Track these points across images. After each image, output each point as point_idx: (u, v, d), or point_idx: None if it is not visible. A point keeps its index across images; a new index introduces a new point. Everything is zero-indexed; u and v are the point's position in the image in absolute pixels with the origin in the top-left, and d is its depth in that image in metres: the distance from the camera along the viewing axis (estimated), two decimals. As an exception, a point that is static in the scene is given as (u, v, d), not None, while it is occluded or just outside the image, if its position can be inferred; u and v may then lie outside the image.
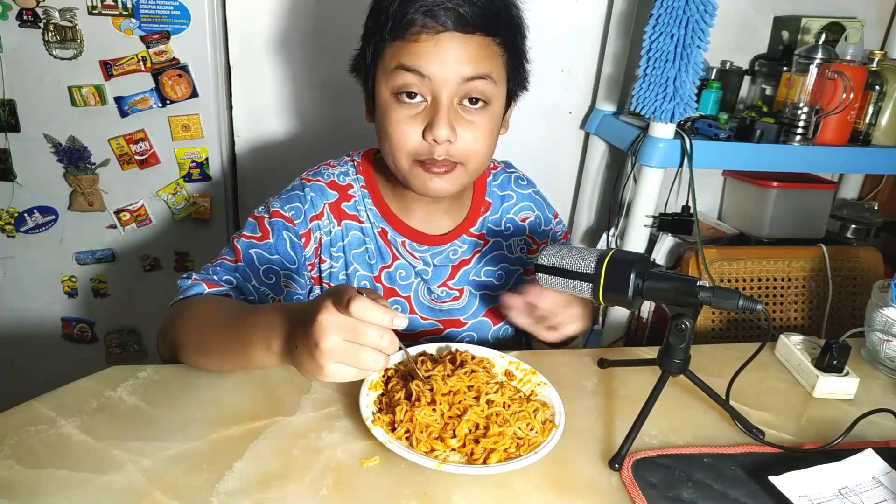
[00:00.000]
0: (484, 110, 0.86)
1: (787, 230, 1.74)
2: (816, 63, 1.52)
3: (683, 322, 0.72)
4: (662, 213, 1.60)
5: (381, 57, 0.86)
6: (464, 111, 0.85)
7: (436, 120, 0.83)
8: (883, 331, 0.97)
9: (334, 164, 1.02)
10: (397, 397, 0.73)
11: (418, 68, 0.82)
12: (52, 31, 1.43)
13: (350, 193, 0.99)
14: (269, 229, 0.92)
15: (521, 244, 1.07)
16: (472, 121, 0.86)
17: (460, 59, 0.82)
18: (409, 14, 0.80)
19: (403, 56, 0.82)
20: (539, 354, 0.91)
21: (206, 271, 0.89)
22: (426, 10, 0.80)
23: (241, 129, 1.67)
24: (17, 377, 1.71)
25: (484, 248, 1.04)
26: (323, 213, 0.96)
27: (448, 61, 0.81)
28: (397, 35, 0.82)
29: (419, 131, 0.85)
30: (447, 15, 0.80)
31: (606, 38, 1.72)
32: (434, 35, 0.81)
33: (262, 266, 0.91)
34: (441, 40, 0.81)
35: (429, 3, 0.80)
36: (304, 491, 0.63)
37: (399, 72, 0.83)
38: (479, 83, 0.84)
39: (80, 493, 0.61)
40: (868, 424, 0.79)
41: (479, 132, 0.87)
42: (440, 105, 0.83)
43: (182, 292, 0.87)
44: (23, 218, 1.59)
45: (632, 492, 0.66)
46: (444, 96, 0.83)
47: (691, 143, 1.45)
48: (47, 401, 0.74)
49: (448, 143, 0.84)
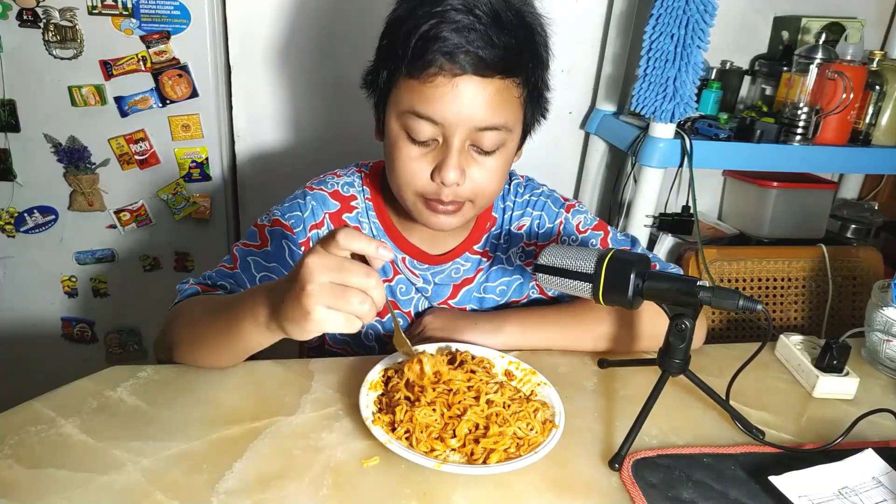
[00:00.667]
0: (496, 152, 0.84)
1: (787, 230, 1.74)
2: (816, 63, 1.52)
3: (683, 322, 0.72)
4: (662, 213, 1.60)
5: (394, 85, 0.83)
6: (475, 152, 0.83)
7: (445, 164, 0.80)
8: (883, 331, 0.97)
9: (340, 173, 1.00)
10: (397, 397, 0.73)
11: (431, 116, 0.79)
12: (52, 31, 1.43)
13: (353, 205, 0.97)
14: (269, 238, 0.91)
15: (520, 253, 1.03)
16: (484, 162, 0.84)
17: (475, 105, 0.78)
18: (428, 55, 0.76)
19: (417, 101, 0.79)
20: (539, 354, 0.91)
21: (203, 277, 0.89)
22: (447, 52, 0.76)
23: (241, 129, 1.67)
24: (17, 377, 1.71)
25: (486, 265, 1.02)
26: (323, 222, 0.95)
27: (463, 108, 0.78)
28: (413, 73, 0.78)
29: (428, 171, 0.82)
30: (467, 58, 0.76)
31: (606, 38, 1.72)
32: (451, 79, 0.77)
33: (259, 273, 0.90)
34: (457, 84, 0.77)
35: (449, 44, 0.76)
36: (304, 491, 0.63)
37: (411, 116, 0.80)
38: (491, 134, 0.81)
39: (80, 493, 0.61)
40: (868, 424, 0.79)
41: (490, 172, 0.84)
42: (451, 149, 0.80)
43: (180, 295, 0.86)
44: (23, 218, 1.59)
45: (632, 492, 0.66)
46: (456, 140, 0.80)
47: (691, 143, 1.45)
48: (47, 401, 0.74)
49: (457, 185, 0.82)
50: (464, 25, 0.75)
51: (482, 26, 0.76)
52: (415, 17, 0.77)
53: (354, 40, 1.61)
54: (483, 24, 0.76)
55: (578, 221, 1.02)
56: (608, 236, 1.02)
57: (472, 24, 0.76)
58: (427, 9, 0.77)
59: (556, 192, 1.05)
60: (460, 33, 0.75)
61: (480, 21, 0.76)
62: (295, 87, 1.66)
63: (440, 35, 0.75)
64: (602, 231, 1.02)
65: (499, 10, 0.78)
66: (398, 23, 0.80)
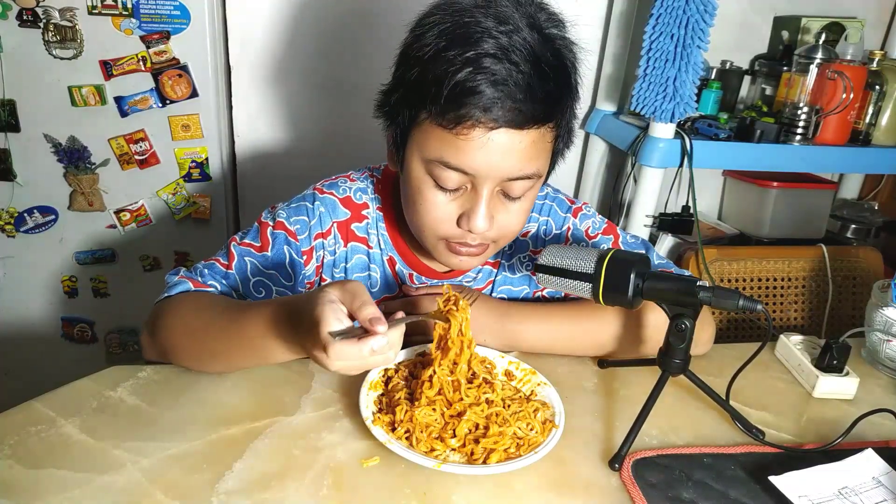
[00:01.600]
0: (524, 196, 0.80)
1: (787, 230, 1.74)
2: (816, 63, 1.52)
3: (683, 322, 0.72)
4: (662, 213, 1.60)
5: (419, 128, 0.77)
6: (504, 196, 0.79)
7: (474, 212, 0.77)
8: (883, 331, 0.97)
9: (354, 177, 0.95)
10: (397, 397, 0.73)
11: (463, 168, 0.74)
12: (52, 31, 1.43)
13: (364, 214, 0.93)
14: (271, 241, 0.88)
15: (526, 260, 1.00)
16: (511, 206, 0.80)
17: (510, 158, 0.74)
18: (463, 108, 0.70)
19: (447, 152, 0.74)
20: (539, 354, 0.91)
21: (195, 270, 0.87)
22: (483, 107, 0.70)
23: (241, 129, 1.67)
24: (17, 377, 1.71)
25: (495, 274, 1.00)
26: (330, 231, 0.91)
27: (496, 160, 0.73)
28: (443, 124, 0.72)
29: (454, 217, 0.79)
30: (505, 113, 0.71)
31: (606, 38, 1.72)
32: (486, 132, 0.72)
33: (254, 278, 0.87)
34: (492, 137, 0.72)
35: (486, 99, 0.70)
36: (304, 491, 0.63)
37: (440, 166, 0.75)
38: (522, 182, 0.77)
39: (80, 493, 0.61)
40: (868, 424, 0.79)
41: (516, 215, 0.81)
42: (480, 197, 0.76)
43: (168, 289, 0.85)
44: (23, 218, 1.59)
45: (632, 492, 0.66)
46: (486, 190, 0.76)
47: (691, 143, 1.45)
48: (47, 401, 0.74)
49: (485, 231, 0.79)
50: (502, 77, 0.70)
51: (521, 76, 0.70)
52: (445, 61, 0.71)
53: (354, 40, 1.61)
54: (522, 72, 0.71)
55: (587, 227, 1.00)
56: (618, 240, 1.00)
57: (511, 74, 0.70)
58: (458, 51, 0.70)
59: (560, 192, 1.03)
60: (498, 86, 0.70)
61: (519, 69, 0.70)
62: (295, 87, 1.66)
63: (477, 89, 0.70)
64: (612, 235, 1.00)
65: (538, 53, 0.72)
66: (425, 62, 0.73)
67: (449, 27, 0.72)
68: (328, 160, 1.68)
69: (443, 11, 0.75)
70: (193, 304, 0.82)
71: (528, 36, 0.72)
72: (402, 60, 0.79)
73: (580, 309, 0.91)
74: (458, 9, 0.74)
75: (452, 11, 0.74)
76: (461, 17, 0.73)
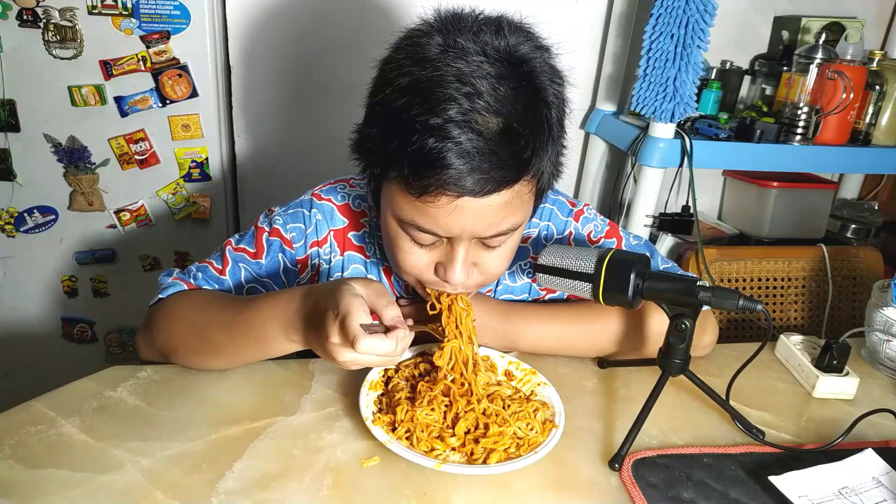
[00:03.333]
0: (506, 241, 0.76)
1: (787, 230, 1.74)
2: (816, 63, 1.52)
3: (683, 322, 0.72)
4: (662, 212, 1.60)
5: (388, 183, 0.72)
6: (483, 245, 0.75)
7: (451, 266, 0.73)
8: (883, 331, 0.97)
9: (354, 183, 0.93)
10: (398, 397, 0.73)
11: (434, 231, 0.71)
12: (52, 31, 1.43)
13: (362, 223, 0.92)
14: (265, 248, 0.87)
15: (527, 267, 0.98)
16: (493, 251, 0.76)
17: (483, 220, 0.70)
18: (429, 180, 0.66)
19: (417, 216, 0.70)
20: (539, 354, 0.91)
21: (188, 273, 0.87)
22: (449, 179, 0.65)
23: (241, 129, 1.67)
24: (17, 377, 1.71)
25: (496, 283, 0.98)
26: (326, 239, 0.90)
27: (468, 222, 0.69)
28: (411, 192, 0.68)
29: (431, 266, 0.75)
30: (472, 184, 0.66)
31: (606, 39, 1.72)
32: (454, 199, 0.67)
33: (248, 284, 0.87)
34: (460, 205, 0.67)
35: (453, 172, 0.64)
36: (304, 491, 0.63)
37: (412, 227, 0.72)
38: (501, 237, 0.74)
39: (80, 493, 0.61)
40: (868, 424, 0.79)
41: (499, 258, 0.77)
42: (455, 252, 0.72)
43: (162, 290, 0.85)
44: (23, 218, 1.59)
45: (632, 492, 0.66)
46: (461, 247, 0.72)
47: (691, 143, 1.45)
48: (47, 401, 0.74)
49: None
50: (466, 149, 0.64)
51: (485, 144, 0.65)
52: (409, 124, 0.65)
53: (354, 40, 1.61)
54: (486, 139, 0.65)
55: (589, 231, 0.98)
56: (622, 243, 0.98)
57: (475, 144, 0.64)
58: (422, 114, 0.65)
59: (560, 194, 1.00)
60: (463, 157, 0.64)
61: (482, 137, 0.64)
62: (295, 87, 1.66)
63: (442, 161, 0.64)
64: (615, 238, 0.98)
65: (506, 113, 0.65)
66: (388, 122, 0.69)
67: (413, 80, 0.66)
68: (328, 160, 1.67)
69: (410, 56, 0.68)
70: (194, 301, 0.83)
71: (495, 94, 0.65)
72: (371, 105, 0.74)
73: (580, 310, 0.91)
74: (424, 57, 0.67)
75: (417, 60, 0.67)
76: (425, 69, 0.66)
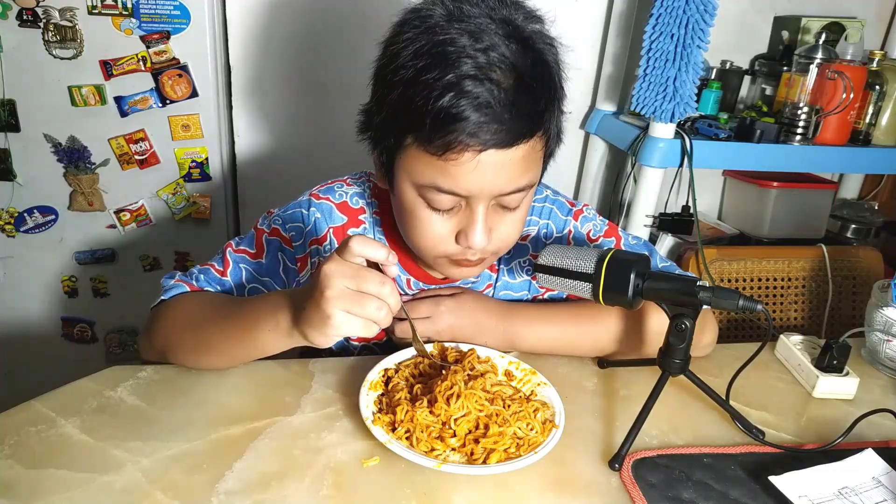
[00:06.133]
0: (521, 205, 0.79)
1: (787, 230, 1.74)
2: (816, 63, 1.52)
3: (683, 322, 0.72)
4: (662, 213, 1.60)
5: (406, 153, 0.74)
6: (500, 208, 0.78)
7: (472, 229, 0.75)
8: (883, 331, 0.97)
9: (350, 182, 0.95)
10: (398, 397, 0.73)
11: (455, 191, 0.73)
12: (52, 31, 1.43)
13: (360, 219, 0.93)
14: (265, 248, 0.89)
15: (526, 265, 0.99)
16: (508, 216, 0.79)
17: (502, 175, 0.72)
18: (450, 135, 0.68)
19: (438, 177, 0.72)
20: (540, 354, 0.91)
21: (190, 275, 0.87)
22: (471, 131, 0.68)
23: (241, 129, 1.67)
24: (17, 377, 1.71)
25: (495, 279, 0.99)
26: (326, 237, 0.91)
27: (488, 179, 0.72)
28: (431, 150, 0.71)
29: (452, 235, 0.78)
30: (492, 136, 0.69)
31: (606, 39, 1.72)
32: (476, 154, 0.70)
33: (249, 285, 0.88)
34: (482, 159, 0.70)
35: (472, 124, 0.68)
36: (304, 491, 0.63)
37: (432, 190, 0.74)
38: (517, 195, 0.76)
39: (80, 493, 0.61)
40: (868, 424, 0.79)
41: (514, 224, 0.80)
42: (476, 214, 0.75)
43: (164, 292, 0.85)
44: (23, 218, 1.59)
45: (632, 492, 0.66)
46: (481, 207, 0.75)
47: (691, 143, 1.45)
48: (47, 401, 0.74)
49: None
50: (485, 100, 0.68)
51: (504, 94, 0.68)
52: (425, 86, 0.68)
53: (354, 40, 1.61)
54: (505, 90, 0.68)
55: (588, 230, 0.99)
56: (620, 242, 0.99)
57: (494, 95, 0.68)
58: (437, 73, 0.68)
59: (560, 195, 1.01)
60: (482, 110, 0.68)
61: (501, 87, 0.68)
62: (295, 87, 1.66)
63: (461, 114, 0.67)
64: (614, 237, 0.99)
65: (520, 67, 0.69)
66: (404, 87, 0.71)
67: (424, 46, 0.69)
68: (328, 160, 1.68)
69: (415, 28, 0.71)
70: (195, 301, 0.83)
71: (506, 50, 0.69)
72: (379, 81, 0.76)
73: (580, 310, 0.91)
74: (431, 25, 0.70)
75: (426, 28, 0.70)
76: (435, 34, 0.69)
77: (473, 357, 0.82)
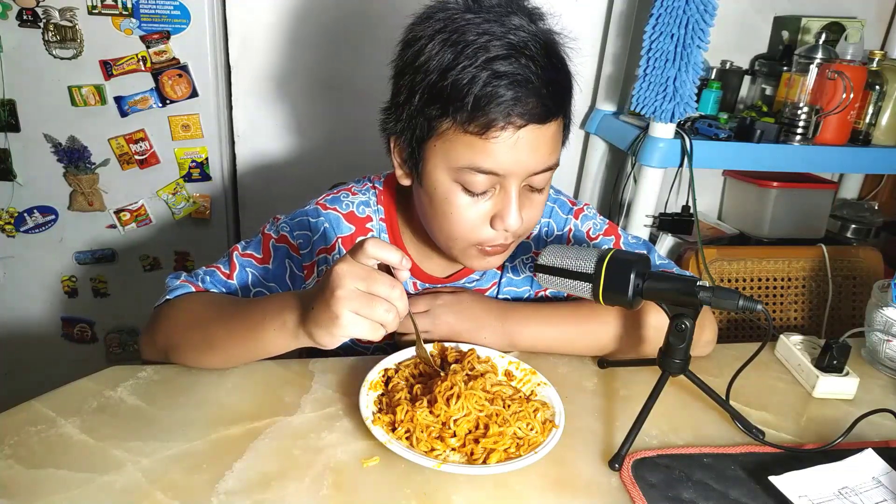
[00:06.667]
0: (545, 187, 0.83)
1: (787, 230, 1.74)
2: (816, 63, 1.52)
3: (683, 322, 0.72)
4: (662, 212, 1.60)
5: (440, 137, 0.76)
6: (528, 190, 0.81)
7: (507, 211, 0.78)
8: (883, 331, 0.97)
9: (355, 190, 0.95)
10: (398, 397, 0.73)
11: (494, 170, 0.75)
12: (52, 31, 1.44)
13: (368, 227, 0.94)
14: (272, 254, 0.89)
15: (528, 262, 1.00)
16: (534, 199, 0.82)
17: (537, 152, 0.76)
18: (490, 114, 0.72)
19: (477, 156, 0.74)
20: (539, 354, 0.91)
21: (195, 276, 0.87)
22: (511, 108, 0.72)
23: (241, 129, 1.67)
24: (17, 377, 1.71)
25: (499, 277, 1.00)
26: (335, 246, 0.91)
27: (524, 157, 0.75)
28: (471, 130, 0.73)
29: (486, 220, 0.79)
30: (531, 110, 0.73)
31: (606, 39, 1.72)
32: (515, 131, 0.73)
33: (255, 289, 0.88)
34: (521, 135, 0.74)
35: (509, 101, 0.71)
36: (304, 491, 0.63)
37: (470, 171, 0.75)
38: (546, 174, 0.79)
39: (80, 493, 0.61)
40: (868, 424, 0.79)
41: (538, 207, 0.83)
42: (510, 195, 0.77)
43: (169, 292, 0.85)
44: (23, 218, 1.59)
45: (632, 492, 0.66)
46: (515, 187, 0.77)
47: (691, 143, 1.45)
48: (47, 401, 0.74)
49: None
50: (523, 77, 0.72)
51: (540, 70, 0.73)
52: (460, 70, 0.72)
53: (355, 40, 1.61)
54: (540, 66, 0.73)
55: (588, 228, 1.00)
56: (620, 241, 1.00)
57: (528, 71, 0.72)
58: (473, 56, 0.71)
59: (561, 193, 1.03)
60: (518, 87, 0.72)
61: (536, 63, 0.72)
62: (295, 87, 1.66)
63: (498, 94, 0.71)
64: (613, 236, 1.00)
65: (548, 45, 0.75)
66: (438, 75, 0.73)
67: (453, 34, 0.73)
68: (328, 160, 1.68)
69: (436, 22, 0.75)
70: (200, 300, 0.83)
71: (535, 29, 0.75)
72: (407, 73, 0.77)
73: (580, 309, 0.91)
74: (452, 17, 0.74)
75: (447, 20, 0.74)
76: (458, 24, 0.73)
77: (473, 357, 0.82)
